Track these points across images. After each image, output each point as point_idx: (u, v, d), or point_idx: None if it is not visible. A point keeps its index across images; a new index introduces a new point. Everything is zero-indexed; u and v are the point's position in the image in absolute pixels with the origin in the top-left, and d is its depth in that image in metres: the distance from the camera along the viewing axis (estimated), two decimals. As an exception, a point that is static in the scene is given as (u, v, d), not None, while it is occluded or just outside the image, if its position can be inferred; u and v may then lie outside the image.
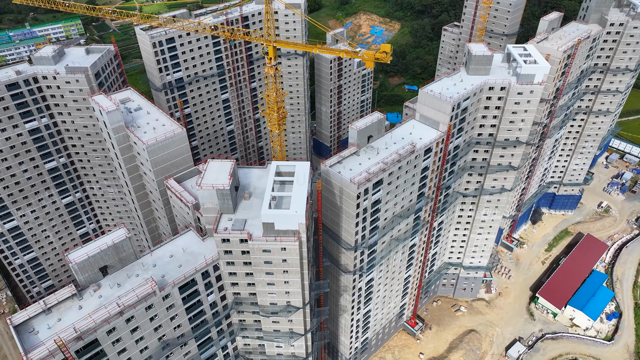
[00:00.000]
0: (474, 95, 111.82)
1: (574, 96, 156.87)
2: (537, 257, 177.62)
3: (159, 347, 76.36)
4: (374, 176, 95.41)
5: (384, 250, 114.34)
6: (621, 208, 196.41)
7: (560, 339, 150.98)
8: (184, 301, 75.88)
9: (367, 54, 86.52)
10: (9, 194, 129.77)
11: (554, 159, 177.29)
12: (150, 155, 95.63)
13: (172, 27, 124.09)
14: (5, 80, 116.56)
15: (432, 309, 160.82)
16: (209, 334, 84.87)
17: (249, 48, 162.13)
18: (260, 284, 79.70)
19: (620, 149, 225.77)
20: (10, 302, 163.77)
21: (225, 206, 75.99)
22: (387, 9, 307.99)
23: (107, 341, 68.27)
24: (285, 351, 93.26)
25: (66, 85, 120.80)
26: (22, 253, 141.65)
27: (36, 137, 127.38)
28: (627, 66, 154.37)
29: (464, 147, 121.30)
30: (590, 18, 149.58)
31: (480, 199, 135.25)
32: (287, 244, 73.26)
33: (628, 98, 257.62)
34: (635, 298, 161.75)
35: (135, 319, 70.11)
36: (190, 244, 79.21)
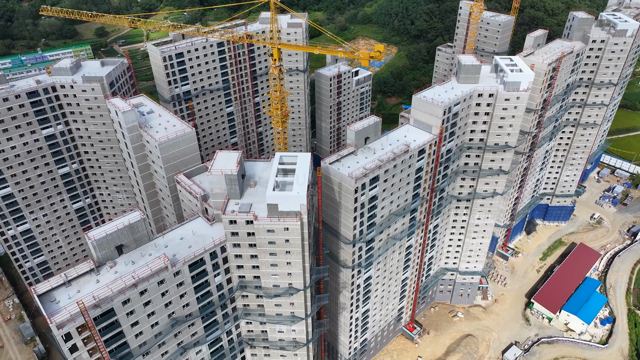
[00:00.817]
0: (464, 101, 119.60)
1: (562, 108, 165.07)
2: (532, 266, 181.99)
3: (169, 324, 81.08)
4: (370, 172, 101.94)
5: (381, 247, 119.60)
6: (613, 219, 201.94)
7: (555, 343, 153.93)
8: (193, 280, 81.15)
9: (363, 53, 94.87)
10: (23, 197, 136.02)
11: (545, 170, 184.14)
12: (162, 152, 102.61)
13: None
14: (27, 89, 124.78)
15: (429, 315, 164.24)
16: (215, 316, 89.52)
17: (252, 64, 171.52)
18: (264, 265, 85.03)
19: (611, 164, 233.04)
20: (17, 309, 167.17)
21: (232, 191, 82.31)
22: (384, 34, 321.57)
23: (122, 312, 73.30)
24: (287, 336, 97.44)
25: (82, 94, 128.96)
26: (33, 256, 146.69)
27: (51, 142, 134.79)
28: (610, 80, 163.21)
29: (456, 151, 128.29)
30: (574, 36, 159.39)
31: (473, 202, 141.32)
32: (289, 223, 79.19)
33: (618, 117, 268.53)
34: (629, 304, 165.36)
35: (148, 293, 75.30)
36: (199, 228, 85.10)
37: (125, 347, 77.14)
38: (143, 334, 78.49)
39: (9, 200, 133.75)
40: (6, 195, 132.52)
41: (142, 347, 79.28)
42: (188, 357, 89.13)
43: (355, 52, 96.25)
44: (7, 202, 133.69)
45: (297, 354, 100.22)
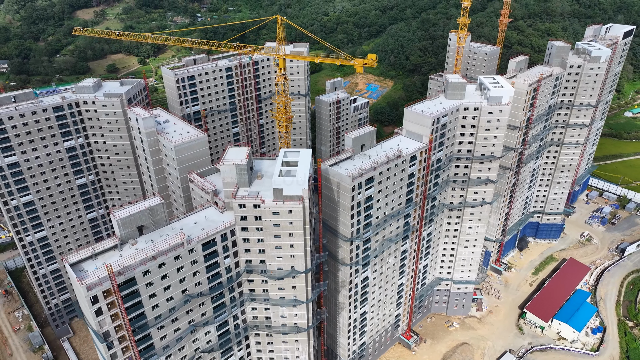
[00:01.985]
0: (451, 114, 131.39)
1: (546, 128, 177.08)
2: (525, 280, 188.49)
3: (182, 300, 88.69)
4: (366, 172, 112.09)
5: (377, 248, 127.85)
6: (602, 237, 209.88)
7: (548, 351, 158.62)
8: (205, 259, 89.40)
9: (358, 61, 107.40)
10: (42, 205, 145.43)
11: (534, 188, 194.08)
12: (177, 154, 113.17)
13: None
14: (53, 103, 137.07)
15: (426, 325, 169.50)
16: (223, 298, 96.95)
17: (258, 88, 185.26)
18: (269, 247, 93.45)
19: (599, 187, 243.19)
20: (26, 320, 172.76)
21: (242, 180, 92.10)
22: (381, 69, 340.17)
23: (142, 282, 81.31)
24: (288, 321, 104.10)
25: (103, 109, 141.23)
26: (47, 264, 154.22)
27: (72, 154, 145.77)
28: (589, 102, 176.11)
29: (446, 161, 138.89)
30: (553, 62, 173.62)
31: (464, 211, 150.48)
32: (293, 206, 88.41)
33: (605, 145, 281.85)
34: (619, 315, 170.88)
35: (166, 266, 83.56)
36: (211, 215, 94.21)
37: (143, 318, 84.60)
38: (159, 307, 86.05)
39: (29, 207, 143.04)
40: (27, 202, 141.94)
41: (157, 320, 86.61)
42: (197, 337, 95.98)
43: (351, 59, 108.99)
44: (28, 209, 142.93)
45: (298, 339, 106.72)
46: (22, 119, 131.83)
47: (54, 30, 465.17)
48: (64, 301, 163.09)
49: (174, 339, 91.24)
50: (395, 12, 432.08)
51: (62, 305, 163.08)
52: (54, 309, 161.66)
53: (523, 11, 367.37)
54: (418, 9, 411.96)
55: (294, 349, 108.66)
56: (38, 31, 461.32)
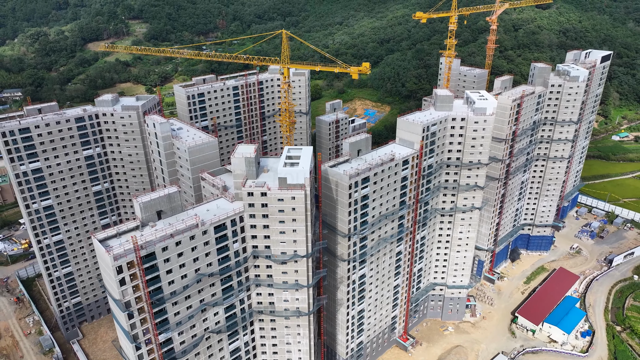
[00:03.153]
0: (440, 123, 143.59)
1: (532, 143, 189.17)
2: (517, 288, 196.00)
3: (195, 279, 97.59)
4: (362, 172, 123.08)
5: (373, 247, 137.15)
6: (591, 250, 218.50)
7: (539, 353, 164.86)
8: (216, 242, 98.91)
9: (353, 68, 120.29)
10: (60, 209, 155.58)
11: (523, 200, 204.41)
12: (190, 155, 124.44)
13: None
14: (75, 115, 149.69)
15: (422, 329, 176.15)
16: (231, 281, 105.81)
17: (262, 107, 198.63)
18: (274, 232, 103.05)
19: (588, 203, 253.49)
20: (36, 325, 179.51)
21: (250, 172, 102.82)
22: (378, 96, 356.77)
23: (161, 257, 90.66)
24: (291, 305, 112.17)
25: (120, 120, 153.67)
26: (61, 267, 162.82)
27: (89, 162, 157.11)
28: (571, 119, 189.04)
29: (436, 168, 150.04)
30: (536, 82, 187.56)
31: (455, 216, 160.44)
32: (296, 193, 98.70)
33: (594, 166, 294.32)
34: (607, 320, 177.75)
35: (182, 245, 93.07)
36: (222, 204, 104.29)
37: (160, 292, 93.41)
38: (174, 283, 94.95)
39: (48, 211, 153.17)
40: (47, 206, 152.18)
41: (172, 296, 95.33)
42: (207, 317, 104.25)
43: (348, 67, 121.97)
44: (47, 212, 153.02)
45: (299, 324, 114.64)
46: (47, 127, 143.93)
47: (66, 61, 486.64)
48: (75, 304, 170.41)
49: (186, 316, 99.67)
50: (392, 44, 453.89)
51: (73, 308, 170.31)
52: (65, 311, 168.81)
53: (513, 42, 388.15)
54: (413, 41, 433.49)
55: (295, 333, 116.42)
56: (51, 62, 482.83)
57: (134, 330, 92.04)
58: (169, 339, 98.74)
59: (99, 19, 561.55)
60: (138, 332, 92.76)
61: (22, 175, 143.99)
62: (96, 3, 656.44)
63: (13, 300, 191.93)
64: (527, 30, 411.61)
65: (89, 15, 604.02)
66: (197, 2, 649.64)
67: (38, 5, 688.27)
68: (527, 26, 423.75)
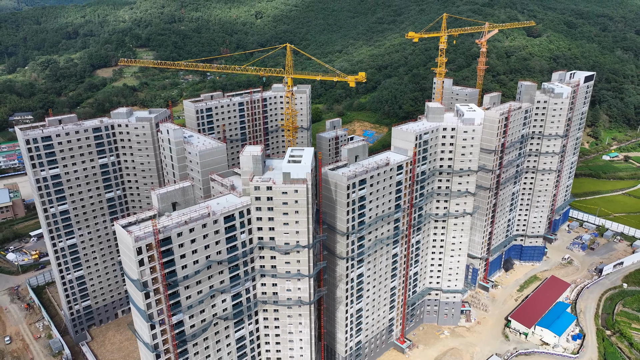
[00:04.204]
0: (432, 132, 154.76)
1: (521, 155, 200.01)
2: (511, 296, 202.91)
3: (205, 265, 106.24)
4: (359, 175, 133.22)
5: (370, 247, 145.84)
6: (582, 261, 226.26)
7: (532, 355, 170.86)
8: (226, 231, 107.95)
9: (350, 77, 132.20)
10: (75, 214, 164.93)
11: (515, 211, 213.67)
12: (200, 159, 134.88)
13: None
14: (93, 125, 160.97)
15: (418, 333, 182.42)
16: (238, 270, 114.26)
17: (265, 122, 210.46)
18: (278, 224, 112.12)
19: (580, 218, 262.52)
20: (46, 330, 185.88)
21: (257, 169, 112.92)
22: (377, 118, 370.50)
23: (176, 242, 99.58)
24: (293, 295, 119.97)
25: (134, 130, 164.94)
26: (74, 270, 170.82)
27: (104, 170, 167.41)
28: (557, 133, 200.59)
29: (429, 174, 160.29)
30: (523, 98, 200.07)
31: (448, 222, 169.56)
32: (298, 187, 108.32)
33: (585, 184, 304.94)
34: (597, 324, 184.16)
35: (195, 232, 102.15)
36: (231, 199, 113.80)
37: (174, 275, 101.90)
38: (187, 268, 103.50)
39: (64, 216, 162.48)
40: (63, 211, 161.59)
41: (185, 280, 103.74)
42: (215, 303, 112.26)
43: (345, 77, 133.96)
44: (63, 217, 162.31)
45: (301, 313, 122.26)
46: (67, 136, 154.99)
47: (75, 86, 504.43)
48: (85, 308, 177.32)
49: (196, 301, 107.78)
50: (389, 70, 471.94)
51: (83, 311, 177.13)
52: (75, 314, 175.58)
53: (505, 67, 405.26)
54: (410, 67, 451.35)
55: (297, 323, 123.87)
56: (60, 87, 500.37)
57: (150, 310, 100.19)
58: (181, 321, 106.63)
59: (108, 47, 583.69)
60: (153, 312, 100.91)
61: (42, 180, 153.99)
62: (105, 33, 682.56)
63: (24, 307, 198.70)
64: (518, 57, 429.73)
65: (97, 44, 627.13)
66: (202, 31, 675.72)
67: (48, 35, 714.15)
68: (519, 53, 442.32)
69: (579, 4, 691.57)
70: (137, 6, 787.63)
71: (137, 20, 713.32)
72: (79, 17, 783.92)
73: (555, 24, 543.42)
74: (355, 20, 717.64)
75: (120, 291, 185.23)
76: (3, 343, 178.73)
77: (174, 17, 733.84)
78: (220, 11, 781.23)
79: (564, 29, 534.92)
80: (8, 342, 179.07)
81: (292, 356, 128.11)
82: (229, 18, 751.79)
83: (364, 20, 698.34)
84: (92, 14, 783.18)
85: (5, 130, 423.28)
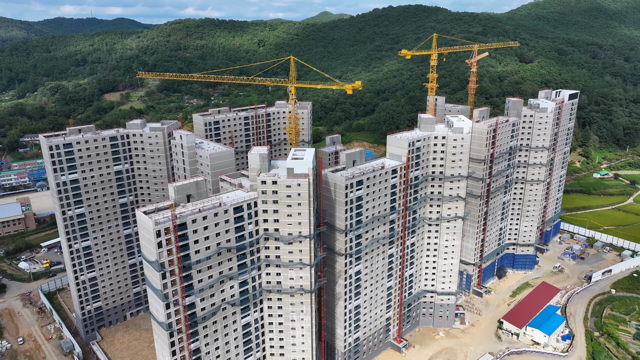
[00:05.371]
0: (424, 140, 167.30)
1: (510, 167, 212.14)
2: (503, 301, 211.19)
3: (216, 251, 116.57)
4: (356, 176, 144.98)
5: (367, 245, 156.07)
6: (573, 269, 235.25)
7: (523, 354, 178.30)
8: (235, 221, 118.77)
9: (347, 85, 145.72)
10: (90, 217, 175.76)
11: (506, 220, 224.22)
12: (211, 161, 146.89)
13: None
14: (110, 134, 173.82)
15: (415, 334, 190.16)
16: (245, 259, 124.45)
17: (269, 136, 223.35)
18: (283, 215, 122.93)
19: (571, 230, 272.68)
20: (57, 331, 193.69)
21: (263, 166, 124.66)
22: (375, 137, 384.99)
23: (190, 228, 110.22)
24: (295, 283, 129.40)
25: (148, 139, 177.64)
26: (87, 271, 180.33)
27: (118, 177, 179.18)
28: (543, 145, 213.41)
29: (422, 180, 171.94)
30: (510, 113, 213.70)
31: (441, 225, 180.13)
32: (301, 180, 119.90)
33: (577, 200, 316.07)
34: (586, 326, 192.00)
35: (207, 220, 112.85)
36: (240, 193, 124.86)
37: (188, 259, 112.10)
38: (200, 253, 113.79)
39: (80, 219, 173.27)
40: (80, 214, 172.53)
41: (197, 264, 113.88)
42: (224, 289, 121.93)
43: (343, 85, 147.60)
44: (79, 220, 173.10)
45: (303, 301, 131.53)
46: (87, 144, 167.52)
47: (83, 109, 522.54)
48: (95, 309, 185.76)
49: (207, 285, 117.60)
50: (387, 94, 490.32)
51: (94, 312, 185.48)
52: (86, 315, 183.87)
53: (498, 90, 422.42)
54: (407, 91, 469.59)
55: (299, 311, 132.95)
56: (70, 110, 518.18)
57: (165, 289, 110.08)
58: (193, 303, 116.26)
59: (116, 73, 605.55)
60: (168, 292, 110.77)
61: (62, 184, 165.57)
62: (112, 60, 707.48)
63: (35, 311, 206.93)
64: (511, 81, 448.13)
65: (105, 70, 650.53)
66: (207, 58, 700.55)
67: (58, 62, 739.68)
68: (512, 77, 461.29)
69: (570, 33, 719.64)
70: (144, 35, 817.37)
71: (144, 48, 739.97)
72: (88, 46, 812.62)
73: (546, 51, 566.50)
74: (354, 48, 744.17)
75: (129, 294, 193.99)
76: (16, 343, 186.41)
77: (180, 44, 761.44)
78: (224, 39, 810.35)
79: (555, 55, 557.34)
80: (21, 342, 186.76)
81: (294, 344, 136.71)
82: (232, 46, 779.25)
83: (363, 48, 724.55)
84: (100, 43, 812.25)
85: (15, 151, 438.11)
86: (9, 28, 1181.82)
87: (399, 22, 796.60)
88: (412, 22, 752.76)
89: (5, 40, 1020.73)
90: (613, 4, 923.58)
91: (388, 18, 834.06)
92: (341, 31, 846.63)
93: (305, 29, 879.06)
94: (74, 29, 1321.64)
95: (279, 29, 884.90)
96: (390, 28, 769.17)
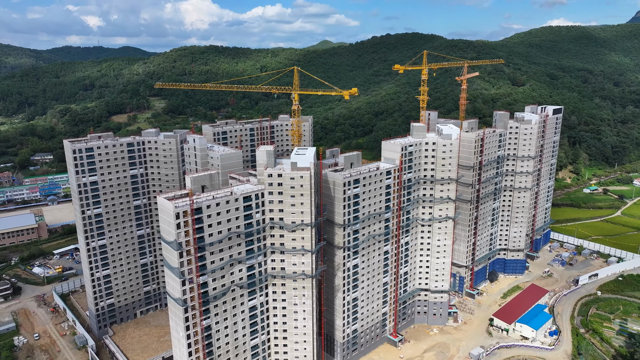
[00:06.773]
0: (415, 145, 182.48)
1: (499, 174, 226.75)
2: (495, 302, 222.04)
3: (227, 235, 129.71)
4: (353, 175, 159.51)
5: (364, 241, 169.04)
6: (561, 274, 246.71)
7: (512, 347, 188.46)
8: (244, 209, 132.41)
9: (345, 92, 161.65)
10: (107, 217, 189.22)
11: (496, 226, 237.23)
12: (221, 161, 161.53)
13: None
14: (127, 141, 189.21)
15: (410, 331, 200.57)
16: (253, 245, 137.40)
17: (272, 142, 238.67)
18: (287, 205, 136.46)
19: (560, 239, 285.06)
20: (71, 329, 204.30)
21: (269, 162, 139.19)
22: (373, 155, 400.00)
23: (205, 213, 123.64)
24: (298, 269, 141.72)
25: (162, 145, 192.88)
26: (102, 268, 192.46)
27: (134, 180, 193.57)
28: (529, 154, 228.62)
29: (414, 182, 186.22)
30: (498, 125, 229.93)
31: (433, 226, 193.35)
32: (303, 172, 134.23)
33: (568, 213, 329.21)
34: (572, 323, 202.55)
35: (220, 206, 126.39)
36: (249, 186, 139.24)
37: (202, 241, 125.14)
38: (212, 236, 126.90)
39: (98, 218, 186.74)
40: (97, 214, 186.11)
41: (210, 246, 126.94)
42: (233, 272, 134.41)
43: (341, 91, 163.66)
44: (97, 219, 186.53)
45: (304, 286, 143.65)
46: (106, 149, 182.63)
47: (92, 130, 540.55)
48: (108, 305, 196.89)
49: (218, 267, 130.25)
50: (384, 115, 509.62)
51: (107, 308, 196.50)
52: (100, 310, 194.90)
53: (490, 111, 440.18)
54: (404, 112, 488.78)
55: (301, 295, 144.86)
56: (79, 131, 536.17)
57: (182, 268, 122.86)
58: (205, 282, 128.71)
59: (124, 96, 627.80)
60: (184, 270, 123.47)
61: (83, 185, 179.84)
62: (120, 84, 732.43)
63: (50, 310, 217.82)
64: (503, 102, 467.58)
65: (112, 93, 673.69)
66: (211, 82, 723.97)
67: (66, 87, 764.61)
68: (504, 99, 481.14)
69: (562, 59, 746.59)
70: (150, 61, 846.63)
71: (150, 73, 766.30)
72: (96, 72, 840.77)
73: (538, 75, 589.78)
74: (353, 73, 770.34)
75: (140, 292, 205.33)
76: (32, 339, 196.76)
77: (185, 70, 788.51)
78: (228, 65, 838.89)
79: (546, 79, 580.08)
80: (37, 337, 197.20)
81: (297, 327, 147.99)
82: (235, 71, 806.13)
83: (362, 73, 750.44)
84: (108, 69, 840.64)
85: (26, 169, 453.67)
86: (18, 56, 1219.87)
87: (396, 49, 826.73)
88: (409, 49, 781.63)
89: (15, 67, 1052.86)
90: (602, 32, 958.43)
91: (386, 45, 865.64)
92: (341, 57, 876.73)
93: (307, 56, 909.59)
94: (82, 56, 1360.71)
95: (280, 55, 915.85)
96: (387, 54, 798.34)
